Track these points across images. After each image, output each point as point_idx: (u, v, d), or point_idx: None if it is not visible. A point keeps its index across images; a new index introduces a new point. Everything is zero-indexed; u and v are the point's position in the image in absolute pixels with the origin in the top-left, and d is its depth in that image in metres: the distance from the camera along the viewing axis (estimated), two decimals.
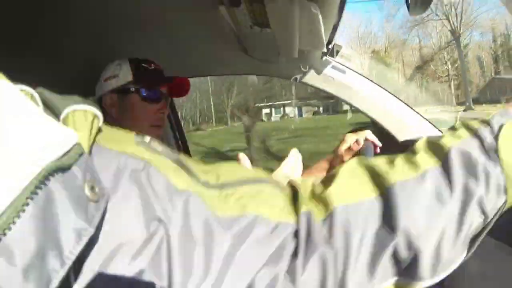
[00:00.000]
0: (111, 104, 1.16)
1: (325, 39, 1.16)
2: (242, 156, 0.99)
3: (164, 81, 1.22)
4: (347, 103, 1.49)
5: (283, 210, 0.42)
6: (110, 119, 1.13)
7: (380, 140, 1.22)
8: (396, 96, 1.46)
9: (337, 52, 1.37)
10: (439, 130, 1.46)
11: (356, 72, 1.44)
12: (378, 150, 1.20)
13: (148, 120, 1.17)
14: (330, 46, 1.26)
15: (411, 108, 1.47)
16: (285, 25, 1.03)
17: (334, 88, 1.46)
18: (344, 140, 1.21)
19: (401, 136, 1.47)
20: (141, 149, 0.37)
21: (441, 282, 0.43)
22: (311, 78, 1.48)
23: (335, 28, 1.16)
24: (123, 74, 1.15)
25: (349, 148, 1.20)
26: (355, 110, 1.49)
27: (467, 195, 0.43)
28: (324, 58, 1.39)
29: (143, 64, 1.18)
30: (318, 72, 1.42)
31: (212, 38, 1.32)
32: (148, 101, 1.17)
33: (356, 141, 1.19)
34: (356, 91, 1.45)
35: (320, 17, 1.01)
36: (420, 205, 0.42)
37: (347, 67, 1.43)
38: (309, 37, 1.12)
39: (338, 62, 1.43)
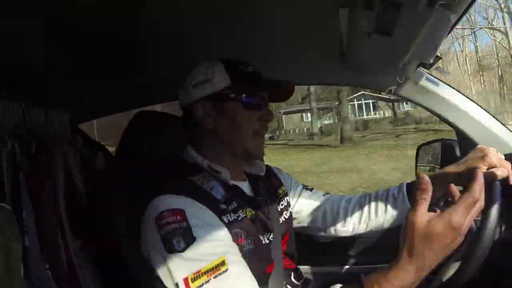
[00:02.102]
0: (205, 113, 1.05)
1: None
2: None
3: (272, 87, 1.10)
4: (438, 116, 1.46)
5: None
6: (203, 130, 1.06)
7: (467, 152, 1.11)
8: (486, 110, 1.43)
9: (432, 64, 1.34)
10: None
11: (448, 84, 1.41)
12: None
13: (251, 129, 1.06)
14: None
15: (500, 122, 1.43)
16: (412, 34, 1.00)
17: (427, 100, 1.43)
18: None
19: None
20: None
21: None
22: (404, 89, 1.44)
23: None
24: (218, 79, 1.04)
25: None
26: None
27: None
28: (418, 69, 1.37)
29: (240, 66, 1.07)
30: (414, 83, 1.39)
31: (313, 44, 1.29)
32: (251, 109, 1.05)
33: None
34: (449, 104, 1.41)
35: (450, 27, 0.98)
36: None
37: (439, 79, 1.40)
38: (425, 47, 1.10)
39: (431, 74, 1.40)
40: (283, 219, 1.17)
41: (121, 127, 1.26)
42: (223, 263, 0.83)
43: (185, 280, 0.81)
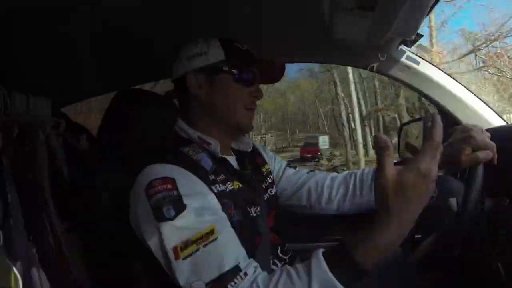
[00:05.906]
0: (197, 84, 1.06)
1: None
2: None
3: (260, 62, 1.11)
4: (419, 93, 1.49)
5: None
6: (195, 102, 1.08)
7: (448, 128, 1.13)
8: (466, 87, 1.46)
9: (414, 41, 1.36)
10: (504, 121, 1.46)
11: (429, 62, 1.44)
12: None
13: (243, 103, 1.08)
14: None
15: (479, 98, 1.47)
16: (394, 8, 1.01)
17: (409, 77, 1.46)
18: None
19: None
20: None
21: None
22: (386, 67, 1.47)
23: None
24: (212, 52, 1.06)
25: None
26: None
27: None
28: (400, 47, 1.38)
29: (235, 43, 1.10)
30: (396, 61, 1.41)
31: (297, 22, 1.29)
32: (242, 83, 1.08)
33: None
34: (430, 81, 1.44)
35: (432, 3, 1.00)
36: None
37: (420, 57, 1.43)
38: (407, 23, 1.11)
39: (413, 52, 1.42)
40: (268, 196, 1.18)
41: None
42: (212, 231, 0.83)
43: (174, 249, 0.81)
